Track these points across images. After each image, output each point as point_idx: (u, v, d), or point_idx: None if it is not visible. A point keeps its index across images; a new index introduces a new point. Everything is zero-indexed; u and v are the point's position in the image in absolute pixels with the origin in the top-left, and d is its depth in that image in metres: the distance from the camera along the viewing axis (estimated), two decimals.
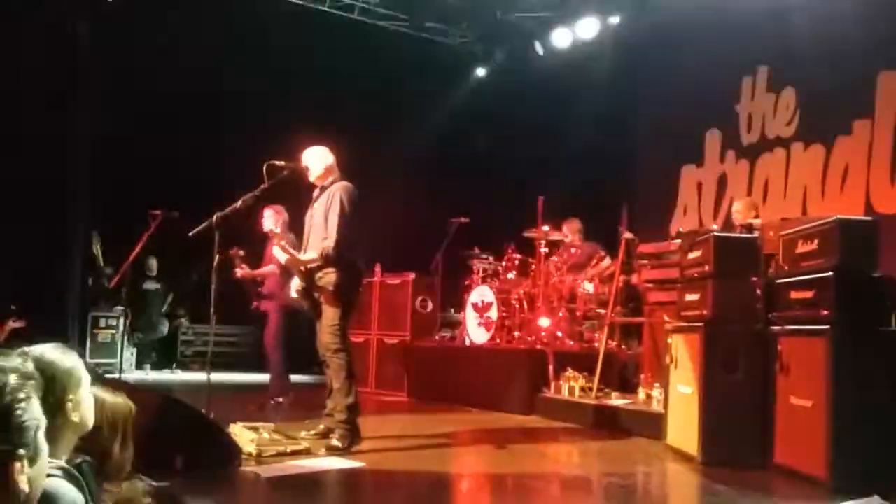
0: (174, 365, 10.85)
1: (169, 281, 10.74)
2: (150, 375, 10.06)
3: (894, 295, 4.26)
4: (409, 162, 10.91)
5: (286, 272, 6.73)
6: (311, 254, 4.98)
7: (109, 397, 2.41)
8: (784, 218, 6.29)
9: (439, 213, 9.40)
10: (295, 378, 7.38)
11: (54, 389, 1.85)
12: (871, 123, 7.42)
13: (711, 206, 9.25)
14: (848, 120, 7.61)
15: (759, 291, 4.87)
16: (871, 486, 3.76)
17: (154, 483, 3.04)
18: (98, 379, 2.44)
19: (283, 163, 5.08)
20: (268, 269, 7.04)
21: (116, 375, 8.52)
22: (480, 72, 11.93)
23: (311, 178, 5.14)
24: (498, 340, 7.98)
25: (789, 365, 4.40)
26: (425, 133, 11.08)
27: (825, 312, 4.09)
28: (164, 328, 10.57)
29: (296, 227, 6.98)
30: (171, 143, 9.75)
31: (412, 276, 8.79)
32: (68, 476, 1.73)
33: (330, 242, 4.84)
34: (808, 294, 4.27)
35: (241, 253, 6.96)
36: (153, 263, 10.46)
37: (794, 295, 4.42)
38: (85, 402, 1.97)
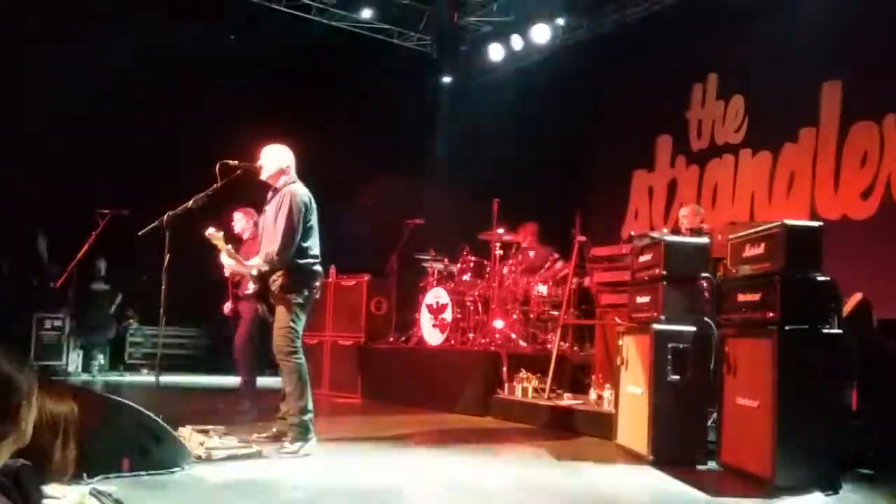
0: (122, 367, 10.63)
1: (117, 281, 10.52)
2: (98, 377, 9.84)
3: (838, 298, 4.38)
4: (365, 163, 10.87)
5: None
6: (255, 260, 4.94)
7: (50, 399, 2.35)
8: (732, 222, 6.44)
9: (395, 215, 9.39)
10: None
11: (5, 396, 1.80)
12: (816, 132, 7.64)
13: (662, 210, 9.41)
14: (794, 128, 7.83)
15: (707, 294, 4.97)
16: (815, 484, 3.87)
17: (101, 486, 2.99)
18: (38, 379, 2.39)
19: (236, 162, 5.02)
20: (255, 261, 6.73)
21: (62, 378, 8.32)
22: (446, 79, 11.84)
23: (263, 176, 5.07)
24: (452, 342, 7.99)
25: (736, 366, 4.50)
26: (380, 134, 11.05)
27: (771, 315, 4.19)
28: (112, 329, 10.34)
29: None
30: (123, 140, 9.55)
31: (367, 277, 8.76)
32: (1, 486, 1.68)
33: (274, 247, 4.81)
34: (755, 297, 4.37)
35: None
36: (101, 263, 10.23)
37: (741, 297, 4.52)
38: (33, 411, 1.92)
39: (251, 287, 5.08)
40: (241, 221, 6.69)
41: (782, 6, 7.97)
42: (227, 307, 6.95)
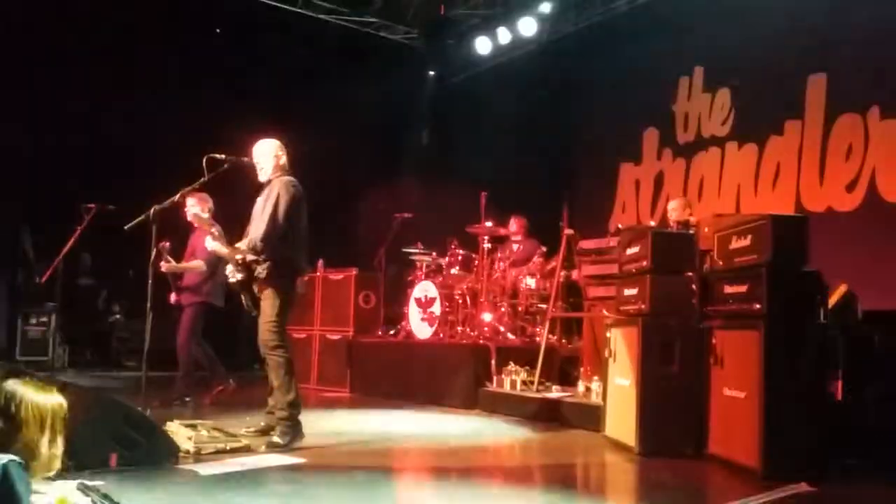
0: (109, 362, 10.57)
1: (103, 276, 10.45)
2: (84, 373, 9.78)
3: (823, 289, 4.42)
4: (352, 157, 10.83)
5: (212, 268, 6.58)
6: (241, 244, 4.91)
7: (36, 394, 2.34)
8: (718, 215, 6.47)
9: (383, 209, 9.37)
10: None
11: None
12: (802, 124, 7.67)
13: (649, 203, 9.44)
14: (780, 121, 7.86)
15: (694, 286, 4.99)
16: (801, 474, 3.90)
17: (88, 482, 2.97)
18: (25, 375, 2.38)
19: (223, 156, 4.99)
20: (194, 263, 6.73)
21: (48, 373, 8.27)
22: (433, 73, 11.86)
23: (262, 178, 5.01)
24: (441, 335, 8.00)
25: (723, 357, 4.53)
26: (369, 128, 11.02)
27: (758, 306, 4.22)
28: (98, 324, 10.28)
29: (240, 219, 6.83)
30: (108, 135, 9.47)
31: (355, 271, 8.75)
32: None
33: (258, 234, 4.78)
34: (742, 289, 4.40)
35: (168, 246, 6.54)
36: (87, 258, 10.16)
37: (728, 289, 4.55)
38: None
39: (236, 276, 5.01)
40: (195, 207, 6.36)
41: None
42: (173, 297, 6.88)
